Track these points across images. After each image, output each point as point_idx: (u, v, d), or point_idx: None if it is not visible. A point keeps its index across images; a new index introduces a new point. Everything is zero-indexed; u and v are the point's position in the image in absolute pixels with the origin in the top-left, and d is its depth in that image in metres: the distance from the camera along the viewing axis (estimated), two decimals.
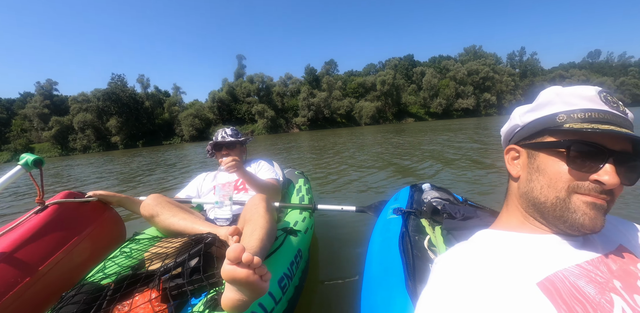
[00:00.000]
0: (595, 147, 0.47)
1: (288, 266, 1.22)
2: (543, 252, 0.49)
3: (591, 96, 0.50)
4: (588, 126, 0.47)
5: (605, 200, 0.48)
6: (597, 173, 0.47)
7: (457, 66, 62.45)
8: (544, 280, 0.44)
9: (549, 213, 0.51)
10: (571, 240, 0.51)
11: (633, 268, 0.49)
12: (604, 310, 0.41)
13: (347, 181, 4.57)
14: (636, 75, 75.93)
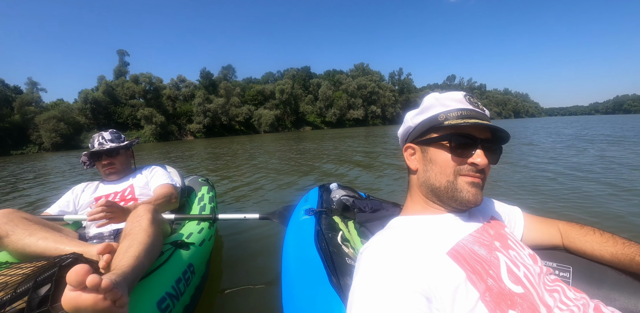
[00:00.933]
0: (469, 137, 0.62)
1: (173, 285, 1.12)
2: (445, 228, 0.62)
3: (460, 99, 0.65)
4: (462, 121, 0.62)
5: (480, 178, 0.63)
6: (472, 157, 0.61)
7: (348, 80, 69.68)
8: (451, 249, 0.55)
9: (443, 195, 0.64)
10: (461, 215, 0.66)
11: (502, 231, 0.67)
12: (494, 265, 0.55)
13: (254, 188, 4.57)
14: (478, 95, 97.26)
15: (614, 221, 2.51)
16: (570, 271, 0.77)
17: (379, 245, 0.57)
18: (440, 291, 0.48)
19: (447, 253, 0.54)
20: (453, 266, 0.52)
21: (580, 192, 3.49)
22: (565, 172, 4.64)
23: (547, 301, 0.54)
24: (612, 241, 0.72)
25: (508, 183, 4.07)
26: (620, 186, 3.62)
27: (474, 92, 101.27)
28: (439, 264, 0.52)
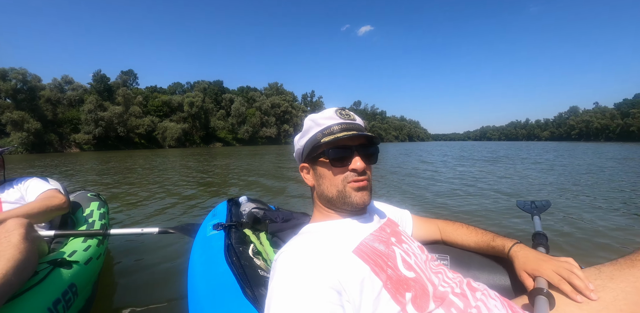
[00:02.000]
0: (344, 147, 0.72)
1: (50, 306, 1.07)
2: (349, 230, 0.72)
3: (331, 115, 0.75)
4: (332, 137, 0.71)
5: (365, 179, 0.73)
6: (351, 164, 0.71)
7: (262, 98, 71.58)
8: (356, 248, 0.65)
9: (338, 203, 0.74)
10: (361, 218, 0.78)
11: (397, 229, 0.81)
12: (392, 257, 0.67)
13: (157, 204, 4.40)
14: (380, 121, 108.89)
15: (476, 216, 3.70)
16: (448, 258, 0.98)
17: (293, 249, 0.63)
18: (349, 284, 0.56)
19: (353, 251, 0.63)
20: (358, 262, 0.61)
21: (454, 196, 4.99)
22: (447, 181, 6.60)
23: (433, 280, 0.68)
24: (475, 233, 0.98)
25: (402, 189, 5.64)
26: (480, 192, 5.32)
27: (376, 117, 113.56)
28: (347, 261, 0.60)
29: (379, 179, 7.17)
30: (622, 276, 0.71)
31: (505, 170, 8.77)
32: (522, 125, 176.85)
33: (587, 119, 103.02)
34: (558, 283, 0.72)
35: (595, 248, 2.65)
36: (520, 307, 0.73)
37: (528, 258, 0.81)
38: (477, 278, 0.90)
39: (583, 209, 3.95)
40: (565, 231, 3.02)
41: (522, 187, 5.78)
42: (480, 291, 0.73)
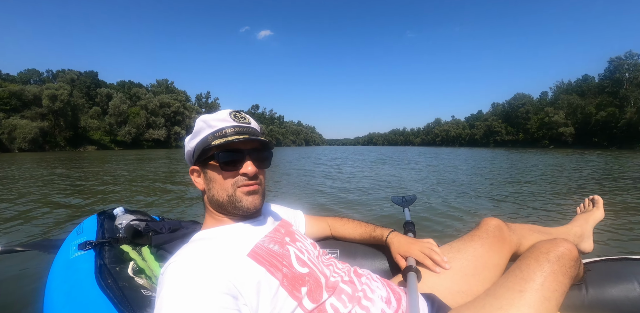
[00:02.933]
0: (235, 151, 0.73)
1: None
2: (243, 234, 0.74)
3: (225, 117, 0.75)
4: (224, 140, 0.71)
5: (256, 184, 0.76)
6: (242, 168, 0.73)
7: (149, 96, 64.99)
8: (250, 251, 0.67)
9: (228, 207, 0.75)
10: (255, 221, 0.80)
11: (290, 229, 0.87)
12: (286, 256, 0.72)
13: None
14: (278, 125, 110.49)
15: (361, 210, 4.49)
16: (338, 251, 1.09)
17: (182, 258, 0.62)
18: (245, 287, 0.58)
19: (248, 255, 0.65)
20: (253, 265, 0.63)
21: (344, 193, 6.08)
22: (338, 181, 7.78)
23: (325, 273, 0.75)
24: (359, 226, 1.13)
25: (298, 190, 6.42)
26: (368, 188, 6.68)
27: (274, 122, 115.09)
28: (241, 265, 0.62)
29: (276, 182, 7.74)
30: (465, 248, 0.95)
31: (384, 170, 11.03)
32: (400, 132, 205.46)
33: (447, 128, 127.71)
34: (423, 260, 0.92)
35: (449, 228, 3.49)
36: (397, 284, 0.91)
37: (401, 243, 1.00)
38: (362, 265, 1.06)
39: (441, 199, 5.28)
40: (428, 217, 3.93)
41: (397, 184, 7.35)
42: (364, 276, 0.83)
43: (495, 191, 6.40)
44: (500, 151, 42.14)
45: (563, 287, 0.77)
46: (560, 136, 64.56)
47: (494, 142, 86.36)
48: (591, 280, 0.99)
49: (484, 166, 13.87)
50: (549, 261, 0.78)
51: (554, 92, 78.21)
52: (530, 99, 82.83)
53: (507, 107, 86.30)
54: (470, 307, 0.76)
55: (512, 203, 5.14)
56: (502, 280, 0.80)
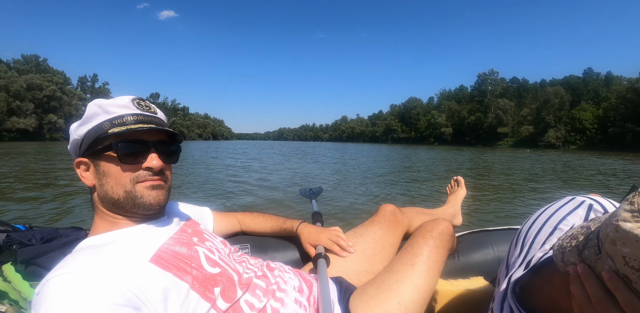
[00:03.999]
0: (138, 142, 0.65)
1: None
2: (143, 237, 0.66)
3: (127, 103, 0.67)
4: (126, 127, 0.64)
5: (161, 179, 0.69)
6: (146, 161, 0.65)
7: (11, 75, 51.90)
8: (153, 256, 0.61)
9: (126, 206, 0.66)
10: (158, 222, 0.73)
11: (198, 228, 0.82)
12: (195, 258, 0.67)
13: None
14: (183, 117, 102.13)
15: (272, 204, 4.58)
16: (249, 247, 1.10)
17: (68, 269, 0.53)
18: (149, 296, 0.54)
19: (150, 261, 0.60)
20: (157, 271, 0.58)
21: (254, 189, 6.24)
22: (249, 176, 7.77)
23: (238, 270, 0.73)
24: (269, 219, 1.14)
25: (206, 187, 6.16)
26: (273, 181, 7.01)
27: (177, 113, 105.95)
28: (142, 273, 0.56)
29: (182, 178, 7.36)
30: (366, 232, 1.05)
31: (294, 165, 11.59)
32: (310, 128, 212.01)
33: (352, 125, 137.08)
34: (331, 246, 0.99)
35: (353, 215, 3.88)
36: (308, 272, 0.96)
37: (310, 233, 1.05)
38: (275, 258, 1.09)
39: (346, 189, 5.94)
40: (335, 207, 4.30)
41: (306, 177, 7.80)
42: (277, 269, 0.84)
43: (391, 180, 7.40)
44: (397, 147, 47.71)
45: (443, 257, 0.94)
46: (442, 135, 76.12)
47: (392, 139, 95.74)
48: (461, 249, 1.21)
49: (382, 159, 15.59)
50: (433, 238, 0.95)
51: (439, 98, 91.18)
52: (421, 103, 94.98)
53: (403, 108, 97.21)
54: (373, 283, 0.86)
55: (404, 190, 6.13)
56: (397, 257, 0.94)
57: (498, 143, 61.66)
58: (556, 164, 14.17)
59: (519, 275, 0.67)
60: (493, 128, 63.93)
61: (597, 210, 0.72)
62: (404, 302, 0.79)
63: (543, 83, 69.29)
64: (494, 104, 65.67)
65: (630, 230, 0.36)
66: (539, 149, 42.52)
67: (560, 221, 0.72)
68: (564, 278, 0.49)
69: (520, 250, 0.75)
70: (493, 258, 1.19)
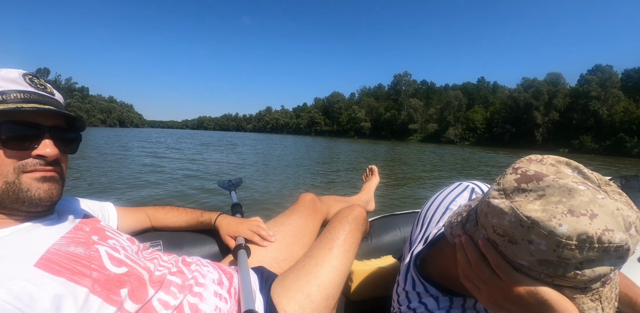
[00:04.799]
0: (29, 125, 0.55)
1: None
2: (28, 238, 0.56)
3: (15, 78, 0.56)
4: (15, 105, 0.53)
5: (55, 171, 0.59)
6: (38, 148, 0.56)
7: None
8: (39, 260, 0.51)
9: (6, 201, 0.56)
10: (47, 220, 0.63)
11: (98, 225, 0.72)
12: (95, 258, 0.58)
13: None
14: (81, 99, 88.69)
15: (188, 197, 4.31)
16: (161, 243, 1.02)
17: None
18: (35, 306, 0.47)
19: (36, 265, 0.51)
20: (45, 276, 0.50)
21: (167, 181, 5.70)
22: (160, 168, 7.30)
23: (149, 267, 0.66)
24: (184, 213, 1.08)
25: (110, 180, 5.67)
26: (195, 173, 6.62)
27: (74, 94, 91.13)
28: (25, 280, 0.48)
29: (81, 170, 6.64)
30: (287, 221, 1.08)
31: (214, 156, 11.09)
32: (233, 117, 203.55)
33: (276, 117, 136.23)
34: (251, 237, 0.99)
35: (275, 205, 3.91)
36: (228, 264, 0.94)
37: (229, 224, 1.03)
38: (191, 253, 1.04)
39: (268, 180, 5.99)
40: (256, 198, 4.35)
41: (226, 168, 7.57)
42: (194, 263, 0.79)
43: (312, 171, 7.75)
44: (320, 139, 49.15)
45: (357, 240, 1.00)
46: (362, 129, 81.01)
47: (315, 131, 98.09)
48: (374, 232, 1.30)
49: (305, 151, 16.00)
50: (348, 223, 1.00)
51: (360, 94, 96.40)
52: (343, 98, 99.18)
53: (326, 102, 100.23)
54: (293, 269, 0.88)
55: (324, 179, 6.47)
56: (316, 243, 0.97)
57: (409, 137, 68.11)
58: (453, 157, 16.76)
59: (419, 249, 0.78)
60: (405, 124, 70.28)
61: (477, 192, 0.86)
62: (322, 283, 0.83)
63: (447, 87, 78.78)
64: (406, 103, 72.04)
65: (497, 204, 0.45)
66: (441, 144, 48.59)
67: (451, 203, 0.85)
68: (452, 249, 0.57)
69: (420, 229, 0.86)
70: (400, 239, 1.32)
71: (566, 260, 0.41)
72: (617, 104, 42.57)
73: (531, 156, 0.53)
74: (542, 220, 0.41)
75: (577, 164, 0.51)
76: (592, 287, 0.45)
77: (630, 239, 0.41)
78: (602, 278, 0.45)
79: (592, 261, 0.41)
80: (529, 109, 49.13)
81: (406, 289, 0.75)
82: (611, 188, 0.47)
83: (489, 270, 0.48)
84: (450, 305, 0.67)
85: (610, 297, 0.48)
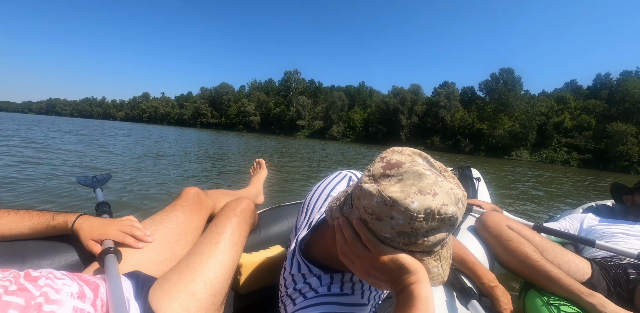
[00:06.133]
0: None
1: None
2: None
3: None
4: None
5: None
6: None
7: None
8: None
9: None
10: None
11: None
12: None
13: None
14: None
15: (35, 198, 3.63)
16: None
17: None
18: None
19: None
20: None
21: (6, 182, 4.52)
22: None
23: None
24: (28, 217, 0.86)
25: None
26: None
27: None
28: None
29: None
30: (167, 218, 0.99)
31: (76, 148, 9.18)
32: (98, 103, 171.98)
33: (155, 105, 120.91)
34: (123, 239, 0.86)
35: (150, 201, 3.58)
36: (92, 273, 0.80)
37: (93, 227, 0.88)
38: (39, 265, 0.86)
39: (145, 174, 5.41)
40: (127, 195, 3.84)
41: (92, 163, 6.49)
42: (43, 277, 0.66)
43: (198, 164, 7.30)
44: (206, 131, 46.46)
45: (245, 232, 1.00)
46: (251, 123, 79.69)
47: (201, 123, 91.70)
48: (262, 224, 1.32)
49: (190, 144, 14.98)
50: (236, 215, 0.99)
51: (250, 88, 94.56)
52: (232, 90, 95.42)
53: (214, 93, 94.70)
54: (176, 269, 0.80)
55: (212, 174, 6.15)
56: (202, 238, 0.92)
57: (297, 133, 70.39)
58: (336, 152, 18.51)
59: (303, 235, 0.82)
60: (294, 121, 72.33)
61: (354, 179, 0.96)
62: (209, 280, 0.79)
63: (332, 88, 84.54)
64: (295, 100, 74.08)
65: (367, 188, 0.53)
66: (325, 140, 52.63)
67: (332, 190, 0.91)
68: (332, 231, 0.63)
69: (305, 216, 0.90)
70: (288, 228, 1.36)
71: (417, 230, 0.50)
72: (457, 113, 53.56)
73: (394, 147, 0.61)
74: (400, 199, 0.49)
75: (426, 155, 0.61)
76: (434, 250, 0.56)
77: (458, 211, 0.52)
78: (441, 243, 0.55)
79: (434, 230, 0.51)
80: (397, 113, 57.27)
81: (292, 273, 0.78)
82: (448, 173, 0.58)
83: (362, 245, 0.56)
84: (331, 281, 0.74)
85: (446, 256, 0.59)
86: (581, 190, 9.72)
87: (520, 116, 46.32)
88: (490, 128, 47.40)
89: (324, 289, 0.73)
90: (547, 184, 10.35)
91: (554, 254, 1.43)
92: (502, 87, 51.21)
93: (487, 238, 1.52)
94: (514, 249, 1.39)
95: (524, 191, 7.95)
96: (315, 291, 0.73)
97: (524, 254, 1.36)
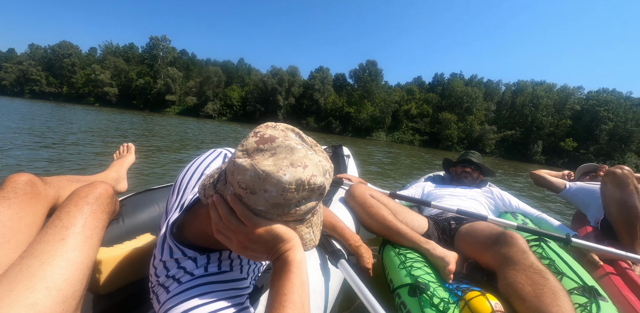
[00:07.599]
0: None
1: None
2: None
3: None
4: None
5: None
6: None
7: None
8: None
9: None
10: None
11: None
12: None
13: None
14: None
15: None
16: None
17: None
18: None
19: None
20: None
21: None
22: None
23: None
24: None
25: None
26: None
27: None
28: None
29: None
30: None
31: None
32: None
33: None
34: None
35: None
36: None
37: None
38: None
39: None
40: None
41: None
42: None
43: (32, 146, 5.76)
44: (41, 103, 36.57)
45: (103, 222, 0.83)
46: (105, 95, 66.55)
47: (31, 92, 71.58)
48: (126, 212, 1.17)
49: (17, 118, 11.78)
50: (88, 204, 0.82)
51: (103, 51, 78.20)
52: (78, 52, 76.91)
53: (51, 54, 74.61)
54: (2, 279, 0.63)
55: (54, 158, 4.92)
56: (40, 236, 0.73)
57: (166, 109, 63.18)
58: (212, 130, 17.42)
59: (175, 217, 0.78)
60: (162, 95, 64.21)
61: (229, 156, 0.90)
62: (55, 285, 0.64)
63: (208, 62, 78.05)
64: (164, 71, 65.86)
65: (241, 163, 0.54)
66: (200, 118, 48.91)
67: (205, 168, 0.88)
68: (207, 210, 0.63)
69: (176, 197, 0.85)
70: (159, 214, 1.23)
71: (289, 200, 0.53)
72: (329, 97, 58.22)
73: (268, 123, 0.64)
74: (273, 172, 0.51)
75: (299, 131, 0.64)
76: (306, 218, 0.60)
77: (326, 181, 0.56)
78: (312, 211, 0.59)
79: (305, 199, 0.54)
80: (275, 93, 57.98)
81: (163, 259, 0.73)
82: (318, 147, 0.62)
83: (237, 220, 0.57)
84: (208, 261, 0.72)
85: (317, 223, 0.64)
86: (422, 165, 12.40)
87: (380, 103, 54.66)
88: (356, 112, 53.99)
89: (201, 270, 0.71)
90: (400, 161, 12.77)
91: (403, 215, 1.72)
92: (367, 77, 58.36)
93: (354, 206, 1.73)
94: (374, 213, 1.61)
95: (382, 166, 9.65)
96: (191, 274, 0.70)
97: (381, 217, 1.59)
